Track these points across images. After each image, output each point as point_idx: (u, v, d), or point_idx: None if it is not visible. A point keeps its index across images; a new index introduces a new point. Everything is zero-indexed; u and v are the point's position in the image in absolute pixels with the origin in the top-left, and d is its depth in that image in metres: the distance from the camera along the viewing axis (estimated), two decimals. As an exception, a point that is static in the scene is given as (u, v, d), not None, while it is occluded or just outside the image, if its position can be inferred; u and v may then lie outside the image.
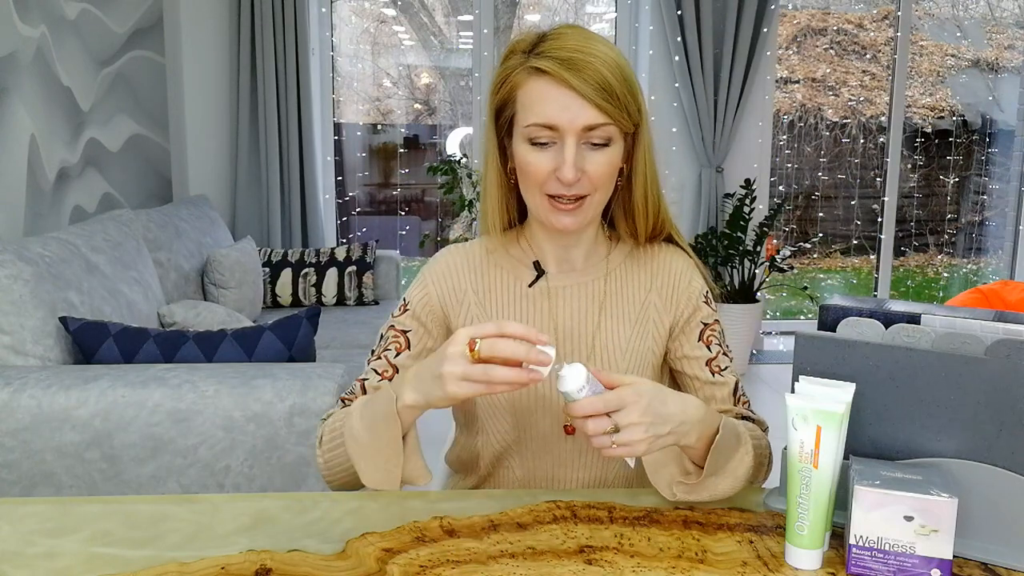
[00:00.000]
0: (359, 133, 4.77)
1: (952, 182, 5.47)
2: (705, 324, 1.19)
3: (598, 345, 1.15)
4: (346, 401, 1.16)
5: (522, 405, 1.14)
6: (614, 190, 1.13)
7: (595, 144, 1.06)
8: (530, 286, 1.17)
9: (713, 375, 1.17)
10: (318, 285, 3.66)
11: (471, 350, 0.86)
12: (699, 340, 1.18)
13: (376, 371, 1.16)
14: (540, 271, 1.17)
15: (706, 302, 1.20)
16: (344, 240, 4.52)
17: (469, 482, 1.24)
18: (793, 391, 0.91)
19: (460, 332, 0.89)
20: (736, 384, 1.19)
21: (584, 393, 0.89)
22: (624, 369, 1.15)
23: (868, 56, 5.62)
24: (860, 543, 0.85)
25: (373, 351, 1.18)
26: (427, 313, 1.17)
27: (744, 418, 1.17)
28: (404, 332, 1.17)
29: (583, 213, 1.09)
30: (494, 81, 1.11)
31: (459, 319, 1.17)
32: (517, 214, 1.19)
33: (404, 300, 1.19)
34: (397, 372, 1.15)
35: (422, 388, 0.92)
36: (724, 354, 1.19)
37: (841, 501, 0.90)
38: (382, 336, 1.19)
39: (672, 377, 1.24)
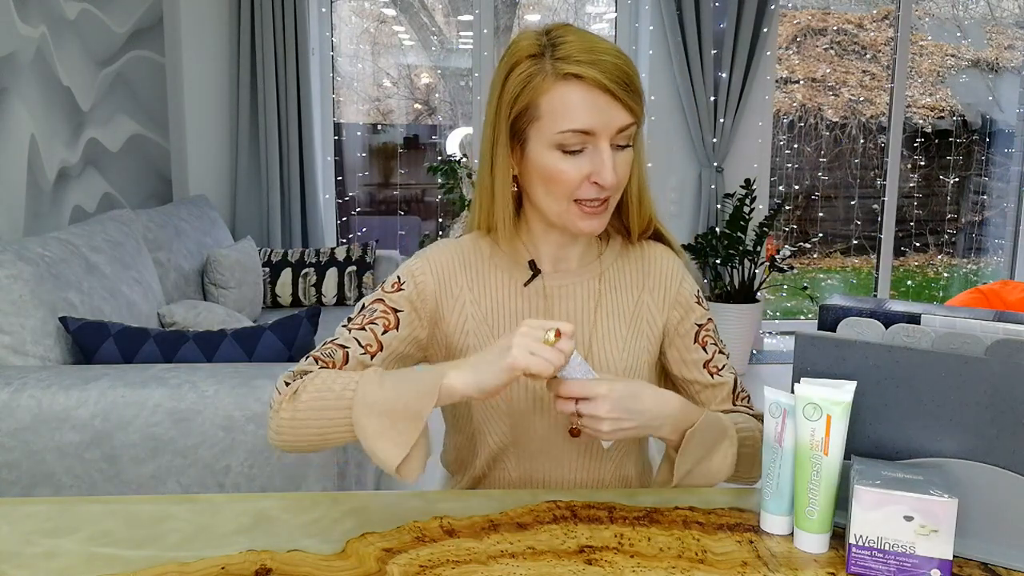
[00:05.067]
0: (359, 133, 4.77)
1: (952, 182, 5.47)
2: (699, 325, 1.20)
3: (595, 344, 1.15)
4: (322, 362, 1.08)
5: (519, 407, 1.13)
6: None
7: (620, 145, 1.06)
8: (525, 285, 1.16)
9: (711, 376, 1.19)
10: (318, 285, 3.66)
11: (557, 335, 0.93)
12: (695, 342, 1.20)
13: (359, 342, 1.09)
14: (536, 270, 1.16)
15: (698, 302, 1.21)
16: (344, 240, 4.52)
17: (464, 482, 1.23)
18: (793, 392, 0.92)
19: (530, 320, 0.95)
20: (735, 381, 1.20)
21: (569, 370, 0.99)
22: (622, 368, 1.15)
23: (868, 56, 5.61)
24: (860, 543, 0.85)
25: (350, 319, 1.12)
26: (421, 301, 1.13)
27: (749, 415, 1.19)
28: (395, 311, 1.11)
29: (606, 215, 1.10)
30: (510, 89, 1.06)
31: (453, 316, 1.15)
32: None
33: (399, 278, 1.14)
34: (382, 349, 1.10)
35: (476, 370, 0.94)
36: (720, 352, 1.21)
37: (841, 501, 0.91)
38: (364, 307, 1.12)
39: (668, 381, 1.25)
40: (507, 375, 0.93)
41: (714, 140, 4.19)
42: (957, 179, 5.47)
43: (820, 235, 5.35)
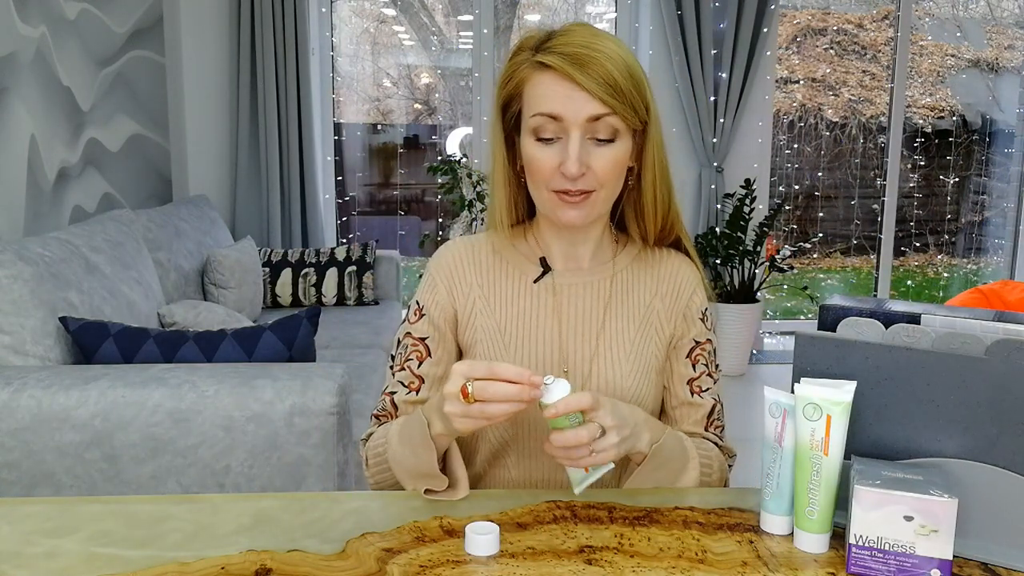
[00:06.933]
0: (359, 133, 4.77)
1: (952, 182, 5.47)
2: (697, 342, 1.20)
3: (602, 345, 1.15)
4: (380, 418, 1.17)
5: None
6: (625, 190, 1.13)
7: (600, 140, 1.05)
8: (535, 282, 1.17)
9: (692, 395, 1.19)
10: (318, 285, 3.66)
11: (464, 396, 0.91)
12: (686, 357, 1.19)
13: (403, 383, 1.17)
14: (546, 267, 1.17)
15: (703, 319, 1.21)
16: (344, 240, 4.52)
17: None
18: (793, 392, 0.91)
19: (456, 367, 0.93)
20: (713, 408, 1.19)
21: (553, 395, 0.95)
22: (629, 371, 1.15)
23: (868, 56, 5.62)
24: (860, 543, 0.85)
25: (393, 357, 1.19)
26: (441, 317, 1.18)
27: (715, 444, 1.19)
28: (423, 339, 1.17)
29: (589, 208, 1.09)
30: (501, 76, 1.11)
31: (464, 313, 1.17)
32: (526, 211, 1.19)
33: (418, 304, 1.19)
34: (423, 382, 1.16)
35: (442, 420, 0.97)
36: (709, 375, 1.20)
37: (841, 501, 0.91)
38: (399, 342, 1.19)
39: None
40: (465, 434, 0.98)
41: (714, 140, 4.19)
42: (957, 179, 5.47)
43: (820, 235, 5.35)
